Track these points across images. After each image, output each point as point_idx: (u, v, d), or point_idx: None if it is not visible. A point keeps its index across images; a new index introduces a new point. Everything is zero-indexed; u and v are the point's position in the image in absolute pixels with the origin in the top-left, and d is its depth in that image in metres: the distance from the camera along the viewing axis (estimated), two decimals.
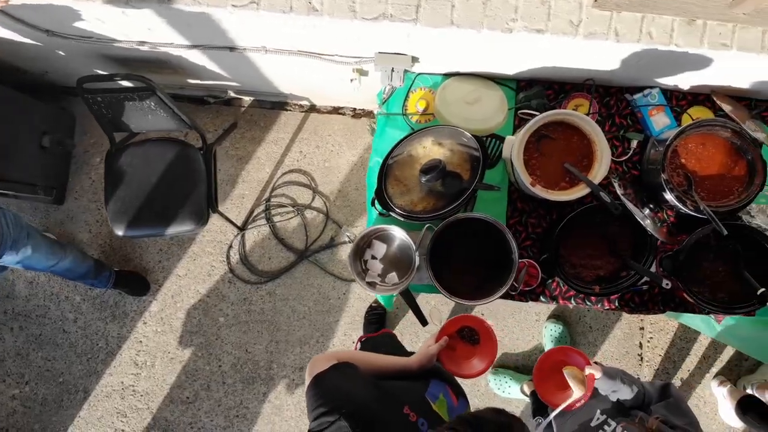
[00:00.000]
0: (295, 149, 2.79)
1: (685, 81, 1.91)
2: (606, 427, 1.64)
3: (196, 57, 2.11)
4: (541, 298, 1.99)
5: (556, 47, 1.65)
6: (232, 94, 2.76)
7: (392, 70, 1.84)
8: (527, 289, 1.94)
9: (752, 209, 1.94)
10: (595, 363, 1.64)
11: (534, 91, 1.97)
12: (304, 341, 2.75)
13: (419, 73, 2.02)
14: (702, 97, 2.01)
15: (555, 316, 2.75)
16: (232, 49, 1.89)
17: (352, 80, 2.02)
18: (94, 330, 2.83)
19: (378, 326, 2.68)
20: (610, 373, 1.61)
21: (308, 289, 2.76)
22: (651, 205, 1.95)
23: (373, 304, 2.73)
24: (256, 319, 2.75)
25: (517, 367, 2.75)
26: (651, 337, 2.77)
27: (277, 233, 2.78)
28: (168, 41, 1.93)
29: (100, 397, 2.82)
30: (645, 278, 1.90)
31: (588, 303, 2.00)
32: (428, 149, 1.90)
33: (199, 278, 2.80)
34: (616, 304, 2.00)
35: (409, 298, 1.94)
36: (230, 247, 2.79)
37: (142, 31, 1.87)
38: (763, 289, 1.83)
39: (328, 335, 2.75)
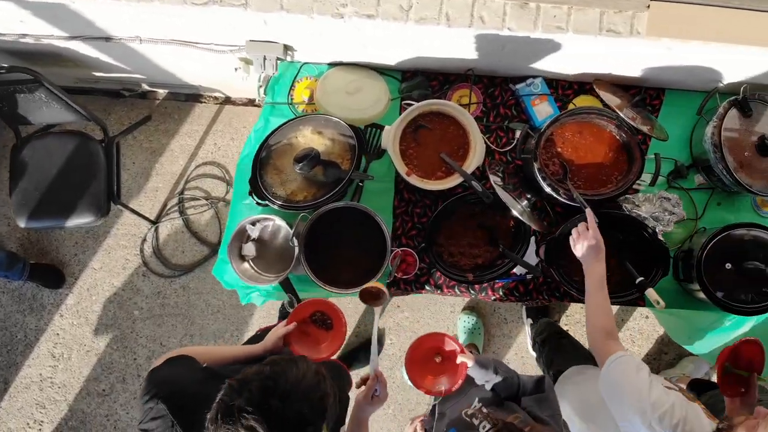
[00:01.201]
0: (209, 141, 2.78)
1: (566, 69, 1.92)
2: (479, 415, 1.64)
3: (84, 48, 2.09)
4: (426, 287, 2.00)
5: (421, 35, 1.65)
6: (146, 87, 2.75)
7: (264, 58, 1.84)
8: (405, 277, 1.93)
9: (638, 198, 1.94)
10: (470, 352, 1.64)
11: (415, 81, 1.97)
12: (218, 335, 2.74)
13: (305, 63, 2.02)
14: (588, 86, 2.01)
15: (469, 308, 2.76)
16: (107, 39, 1.88)
17: (236, 69, 2.01)
18: (13, 322, 2.82)
19: None
20: (483, 363, 1.60)
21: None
22: (528, 196, 1.95)
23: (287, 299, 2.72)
24: (171, 312, 2.74)
25: None
26: (567, 328, 2.78)
27: (190, 226, 2.77)
28: (46, 33, 1.92)
29: (19, 389, 2.81)
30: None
31: (472, 292, 2.00)
32: (308, 138, 1.90)
33: (114, 271, 2.79)
34: (501, 293, 2.00)
35: (290, 289, 1.93)
36: (144, 240, 2.77)
37: (16, 23, 1.85)
38: (641, 278, 1.83)
39: (243, 329, 2.74)
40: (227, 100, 2.80)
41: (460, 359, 1.58)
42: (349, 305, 2.73)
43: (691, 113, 1.98)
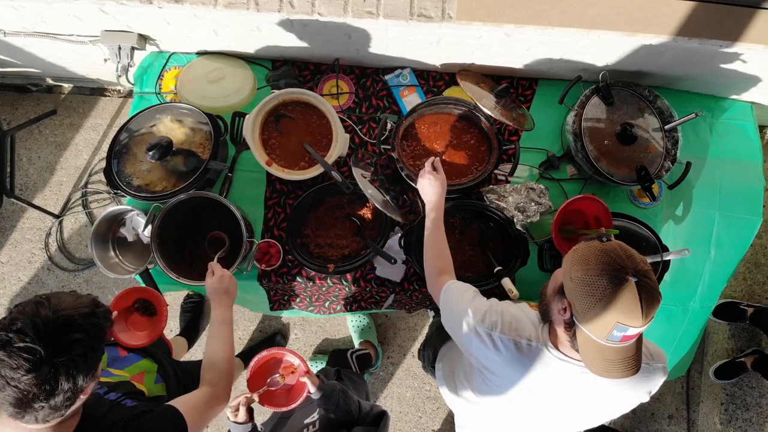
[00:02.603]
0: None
1: (431, 60, 1.90)
2: None
3: None
4: (298, 279, 1.97)
5: (260, 22, 1.62)
6: (51, 82, 2.73)
7: (119, 47, 1.82)
8: (269, 269, 1.91)
9: (506, 189, 1.93)
10: (317, 376, 1.59)
11: (282, 70, 1.96)
12: None
13: (173, 52, 2.00)
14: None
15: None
16: None
17: (106, 60, 1.99)
18: None
19: (192, 315, 2.66)
20: (327, 391, 1.56)
21: None
22: (395, 187, 1.93)
23: (190, 293, 2.70)
24: None
25: None
26: None
27: (93, 220, 2.75)
28: None
29: None
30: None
31: (344, 283, 1.98)
32: (168, 127, 1.88)
33: (21, 265, 2.76)
34: (374, 284, 1.98)
35: (150, 283, 1.91)
36: (48, 234, 2.76)
37: None
38: (499, 268, 1.82)
39: None
40: (130, 94, 2.78)
41: (302, 379, 1.55)
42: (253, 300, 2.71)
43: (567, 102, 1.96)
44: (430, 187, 1.60)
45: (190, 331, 2.64)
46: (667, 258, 1.79)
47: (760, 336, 2.53)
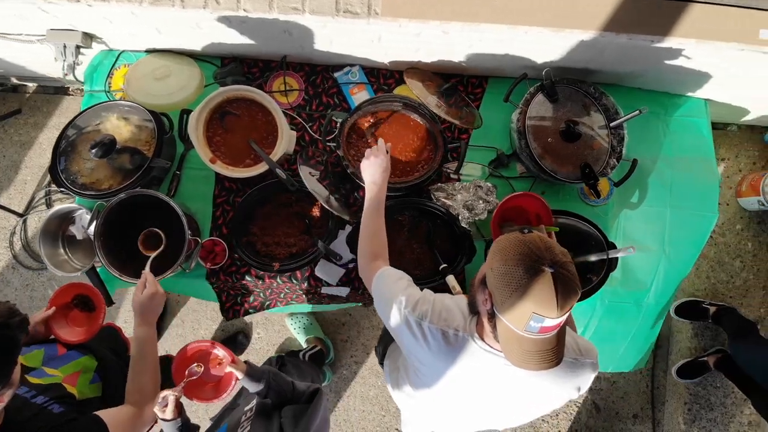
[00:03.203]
0: None
1: (379, 58, 1.89)
2: (247, 423, 1.61)
3: None
4: (247, 277, 1.97)
5: (194, 18, 1.62)
6: (15, 81, 2.74)
7: (64, 46, 1.82)
8: (214, 267, 1.91)
9: (455, 187, 1.92)
10: (244, 362, 1.61)
11: (229, 68, 1.95)
12: None
13: (123, 50, 2.00)
14: None
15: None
16: None
17: (56, 59, 1.99)
18: None
19: None
20: (255, 376, 1.58)
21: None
22: (344, 185, 1.93)
23: None
24: (39, 305, 2.72)
25: None
26: None
27: None
28: None
29: None
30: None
31: (294, 281, 1.98)
32: (115, 125, 1.87)
33: None
34: (324, 282, 1.98)
35: (95, 278, 1.90)
36: (13, 233, 2.76)
37: None
38: (444, 265, 1.81)
39: (109, 320, 2.71)
40: None
41: (228, 369, 1.55)
42: None
43: (513, 101, 1.96)
44: (370, 167, 1.60)
45: None
46: (614, 256, 1.78)
47: (724, 335, 2.51)
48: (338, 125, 1.81)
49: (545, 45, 1.59)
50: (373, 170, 1.59)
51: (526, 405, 1.39)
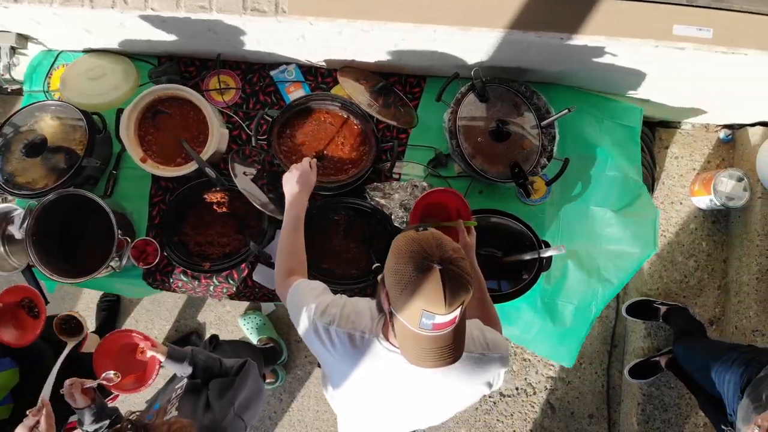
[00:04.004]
0: None
1: (313, 56, 1.89)
2: (176, 400, 1.63)
3: None
4: (183, 277, 1.97)
5: (107, 19, 1.62)
6: None
7: None
8: (146, 267, 1.90)
9: (392, 186, 1.91)
10: (164, 344, 1.62)
11: (164, 67, 1.95)
12: None
13: (62, 51, 2.00)
14: None
15: (251, 308, 2.71)
16: None
17: None
18: None
19: (108, 314, 2.65)
20: (178, 356, 1.60)
21: None
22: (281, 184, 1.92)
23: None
24: None
25: None
26: None
27: None
28: None
29: None
30: None
31: (231, 282, 1.98)
32: (49, 124, 1.88)
33: None
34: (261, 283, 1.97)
35: (31, 277, 1.91)
36: None
37: None
38: (377, 264, 1.81)
39: None
40: None
41: (149, 353, 1.56)
42: (168, 299, 2.71)
43: (446, 100, 1.95)
44: (289, 182, 1.59)
45: (106, 329, 2.63)
46: (546, 255, 1.77)
47: None
48: (269, 123, 1.81)
49: (464, 44, 1.59)
50: (291, 185, 1.57)
51: (436, 404, 1.38)
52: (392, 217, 1.83)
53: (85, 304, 2.73)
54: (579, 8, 1.35)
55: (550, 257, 1.83)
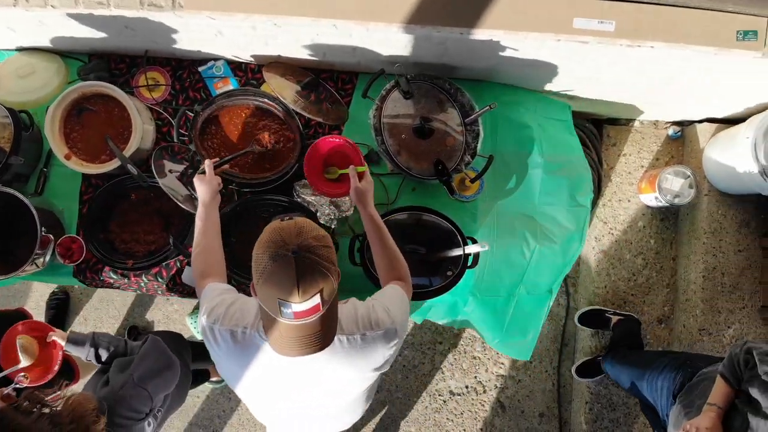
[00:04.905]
0: None
1: (236, 52, 1.87)
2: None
3: None
4: (112, 275, 1.95)
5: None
6: None
7: None
8: (73, 264, 1.89)
9: (298, 184, 1.89)
10: (66, 331, 1.65)
11: (92, 64, 1.94)
12: None
13: None
14: None
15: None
16: None
17: None
18: None
19: (56, 311, 2.65)
20: (78, 340, 1.65)
21: None
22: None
23: (55, 290, 2.70)
24: None
25: None
26: None
27: None
28: None
29: None
30: None
31: (160, 280, 1.96)
32: None
33: None
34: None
35: None
36: None
37: None
38: None
39: None
40: None
41: (51, 338, 1.58)
42: (117, 298, 2.70)
43: (374, 97, 1.93)
44: (198, 186, 1.58)
45: (55, 326, 2.62)
46: (469, 251, 1.76)
47: None
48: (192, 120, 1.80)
49: (378, 40, 1.57)
50: (199, 189, 1.58)
51: (328, 394, 1.36)
52: (318, 214, 1.82)
53: (35, 302, 2.72)
54: (477, 2, 1.33)
55: (478, 254, 1.82)
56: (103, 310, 2.70)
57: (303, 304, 1.05)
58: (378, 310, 1.30)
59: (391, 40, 1.55)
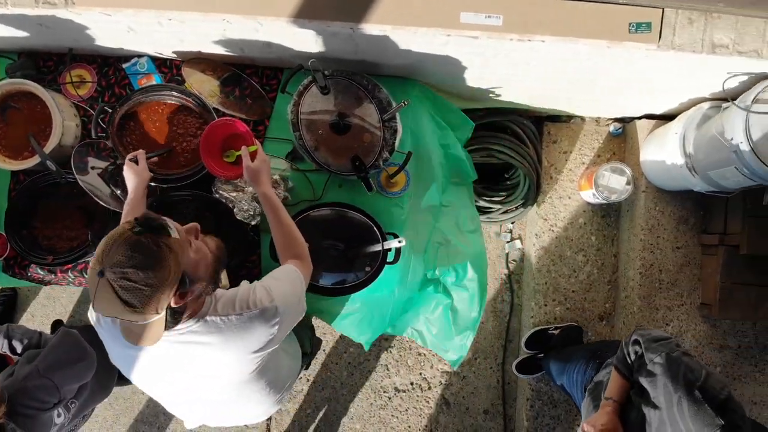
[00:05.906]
0: None
1: (157, 48, 1.88)
2: None
3: None
4: (39, 270, 1.96)
5: None
6: None
7: None
8: None
9: (244, 180, 1.89)
10: None
11: (19, 62, 1.95)
12: None
13: None
14: None
15: None
16: None
17: None
18: None
19: (4, 308, 2.66)
20: None
21: None
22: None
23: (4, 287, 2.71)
24: None
25: None
26: None
27: None
28: None
29: None
30: None
31: (86, 275, 1.97)
32: None
33: None
34: None
35: None
36: None
37: None
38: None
39: None
40: None
41: None
42: (63, 295, 2.71)
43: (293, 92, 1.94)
44: (129, 178, 1.63)
45: (2, 323, 2.64)
46: (388, 247, 1.77)
47: None
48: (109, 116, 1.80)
49: (284, 35, 1.58)
50: (129, 179, 1.63)
51: (198, 376, 1.35)
52: (234, 210, 1.82)
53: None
54: None
55: (399, 249, 1.83)
56: (50, 307, 2.71)
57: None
58: (258, 290, 1.32)
59: (297, 35, 1.56)
